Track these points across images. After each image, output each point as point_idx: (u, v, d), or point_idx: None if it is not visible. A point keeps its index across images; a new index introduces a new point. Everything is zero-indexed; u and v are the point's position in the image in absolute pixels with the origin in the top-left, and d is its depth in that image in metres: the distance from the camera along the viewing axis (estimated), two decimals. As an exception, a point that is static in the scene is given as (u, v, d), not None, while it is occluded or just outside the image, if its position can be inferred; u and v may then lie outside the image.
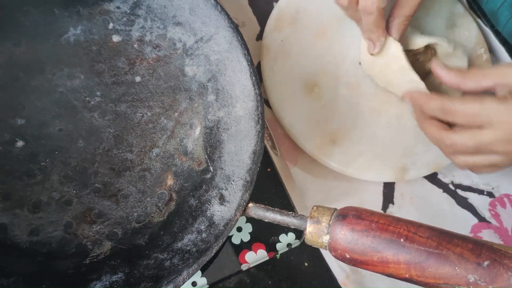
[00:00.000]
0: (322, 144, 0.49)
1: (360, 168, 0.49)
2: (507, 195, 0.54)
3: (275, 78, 0.51)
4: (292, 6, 0.53)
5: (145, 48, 0.44)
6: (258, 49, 0.53)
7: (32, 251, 0.38)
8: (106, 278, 0.36)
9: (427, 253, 0.29)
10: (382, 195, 0.52)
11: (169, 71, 0.44)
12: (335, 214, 0.33)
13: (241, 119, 0.39)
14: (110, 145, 0.42)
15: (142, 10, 0.43)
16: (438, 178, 0.53)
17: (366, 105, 0.51)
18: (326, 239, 0.32)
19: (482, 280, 0.28)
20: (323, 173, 0.51)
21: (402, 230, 0.30)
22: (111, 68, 0.44)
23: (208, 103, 0.42)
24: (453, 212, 0.52)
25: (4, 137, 0.41)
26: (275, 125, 0.51)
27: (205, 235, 0.37)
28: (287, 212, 0.34)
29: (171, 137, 0.43)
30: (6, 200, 0.39)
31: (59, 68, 0.43)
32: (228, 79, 0.41)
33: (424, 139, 0.51)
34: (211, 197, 0.39)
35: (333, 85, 0.52)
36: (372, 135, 0.50)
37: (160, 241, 0.39)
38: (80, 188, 0.41)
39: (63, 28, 0.43)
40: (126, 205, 0.41)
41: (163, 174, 0.42)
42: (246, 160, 0.38)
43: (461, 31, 0.55)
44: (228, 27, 0.40)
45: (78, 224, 0.40)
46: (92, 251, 0.39)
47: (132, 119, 0.43)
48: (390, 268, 0.30)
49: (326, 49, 0.53)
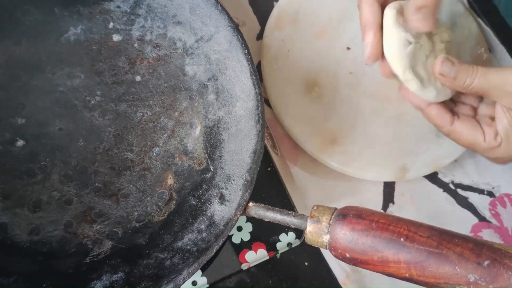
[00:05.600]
0: (322, 143, 0.49)
1: (360, 167, 0.49)
2: (507, 195, 0.54)
3: (275, 77, 0.51)
4: (292, 5, 0.53)
5: (146, 47, 0.44)
6: (258, 48, 0.53)
7: (32, 250, 0.38)
8: (106, 278, 0.36)
9: (427, 252, 0.29)
10: (382, 194, 0.52)
11: (169, 71, 0.44)
12: (336, 213, 0.33)
13: (242, 119, 0.39)
14: (110, 144, 0.42)
15: (143, 9, 0.43)
16: (438, 178, 0.53)
17: (366, 104, 0.51)
18: (326, 239, 0.32)
19: (482, 279, 0.28)
20: (323, 172, 0.51)
21: (402, 229, 0.30)
22: (111, 68, 0.44)
23: (209, 102, 0.42)
24: (453, 212, 0.52)
25: (4, 136, 0.41)
26: (275, 125, 0.51)
27: (205, 234, 0.37)
28: (287, 211, 0.34)
29: (172, 137, 0.43)
30: (6, 199, 0.39)
31: (59, 67, 0.43)
32: (228, 79, 0.41)
33: (424, 139, 0.51)
34: (211, 197, 0.39)
35: (333, 84, 0.52)
36: (372, 134, 0.50)
37: (160, 241, 0.39)
38: (81, 187, 0.41)
39: (64, 27, 0.43)
40: (127, 205, 0.41)
41: (164, 174, 0.42)
42: (246, 159, 0.38)
43: (461, 30, 0.55)
44: (229, 26, 0.40)
45: (78, 224, 0.40)
46: (92, 250, 0.39)
47: (133, 118, 0.43)
48: (390, 268, 0.30)
49: (326, 49, 0.53)
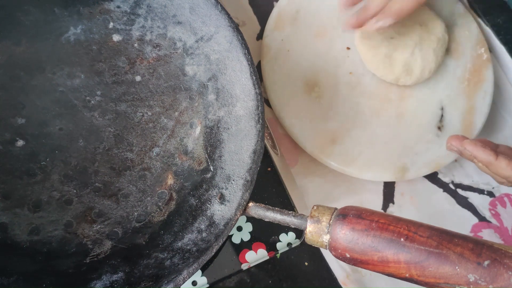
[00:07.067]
0: (322, 143, 0.49)
1: (360, 167, 0.49)
2: (507, 195, 0.54)
3: (275, 77, 0.51)
4: (292, 5, 0.53)
5: (146, 47, 0.44)
6: (258, 48, 0.53)
7: (32, 250, 0.38)
8: (106, 278, 0.36)
9: (427, 252, 0.29)
10: (382, 194, 0.52)
11: (169, 71, 0.44)
12: (336, 213, 0.33)
13: (242, 119, 0.39)
14: (110, 144, 0.42)
15: (143, 9, 0.43)
16: (438, 178, 0.53)
17: (366, 104, 0.51)
18: (326, 239, 0.32)
19: (482, 279, 0.28)
20: (323, 172, 0.51)
21: (402, 229, 0.30)
22: (111, 68, 0.44)
23: (209, 102, 0.42)
24: (453, 212, 0.52)
25: (4, 136, 0.41)
26: (275, 125, 0.51)
27: (205, 234, 0.37)
28: (287, 211, 0.34)
29: (172, 137, 0.43)
30: (6, 199, 0.39)
31: (59, 67, 0.43)
32: (228, 79, 0.41)
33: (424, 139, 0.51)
34: (211, 197, 0.39)
35: (333, 84, 0.52)
36: (372, 134, 0.51)
37: (160, 241, 0.39)
38: (81, 187, 0.41)
39: (64, 27, 0.43)
40: (127, 205, 0.41)
41: (164, 174, 0.42)
42: (246, 159, 0.38)
43: (461, 30, 0.55)
44: (229, 26, 0.40)
45: (78, 224, 0.40)
46: (92, 250, 0.39)
47: (133, 118, 0.43)
48: (390, 268, 0.30)
49: (326, 48, 0.53)
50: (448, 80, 0.53)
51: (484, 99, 0.53)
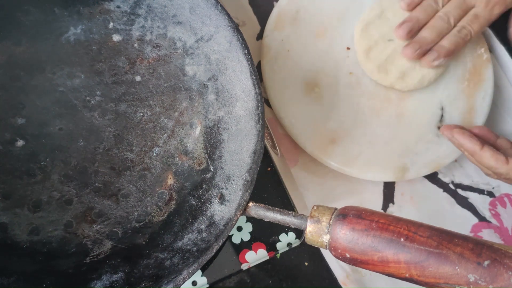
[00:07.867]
0: (322, 143, 0.49)
1: (360, 167, 0.49)
2: (507, 195, 0.54)
3: (275, 77, 0.51)
4: (292, 5, 0.53)
5: (146, 47, 0.44)
6: (258, 48, 0.53)
7: (32, 250, 0.38)
8: (106, 278, 0.36)
9: (427, 252, 0.29)
10: (382, 194, 0.52)
11: (169, 71, 0.44)
12: (336, 213, 0.33)
13: (241, 119, 0.39)
14: (110, 144, 0.42)
15: (143, 9, 0.43)
16: (438, 178, 0.53)
17: (366, 104, 0.51)
18: (326, 239, 0.32)
19: (482, 279, 0.28)
20: (323, 172, 0.51)
21: (402, 229, 0.30)
22: (111, 68, 0.44)
23: (209, 102, 0.42)
24: (453, 212, 0.52)
25: (4, 136, 0.41)
26: (275, 125, 0.51)
27: (205, 234, 0.37)
28: (287, 211, 0.34)
29: (172, 137, 0.43)
30: (6, 199, 0.39)
31: (59, 67, 0.43)
32: (228, 79, 0.41)
33: (424, 139, 0.51)
34: (211, 197, 0.39)
35: (333, 84, 0.51)
36: (372, 134, 0.50)
37: (160, 241, 0.39)
38: (81, 187, 0.41)
39: (64, 27, 0.43)
40: (126, 205, 0.41)
41: (164, 174, 0.42)
42: (246, 159, 0.38)
43: (461, 30, 0.55)
44: (229, 26, 0.40)
45: (78, 224, 0.40)
46: (92, 250, 0.39)
47: (132, 118, 0.43)
48: (390, 268, 0.30)
49: (326, 48, 0.52)
50: (448, 80, 0.53)
51: (484, 99, 0.53)
